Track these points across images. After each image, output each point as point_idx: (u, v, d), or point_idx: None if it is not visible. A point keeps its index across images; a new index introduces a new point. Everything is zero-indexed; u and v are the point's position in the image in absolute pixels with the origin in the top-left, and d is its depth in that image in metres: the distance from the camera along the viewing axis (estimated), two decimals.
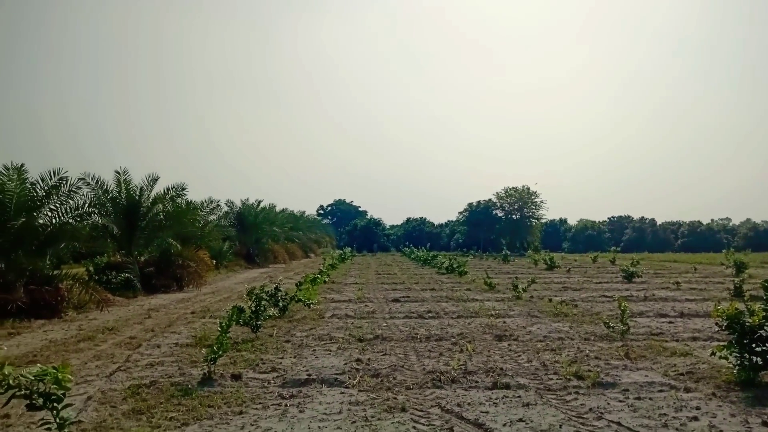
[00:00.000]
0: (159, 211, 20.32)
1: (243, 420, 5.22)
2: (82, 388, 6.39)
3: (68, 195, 14.24)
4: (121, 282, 17.40)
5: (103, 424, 5.10)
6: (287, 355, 8.16)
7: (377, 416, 5.28)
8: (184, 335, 10.13)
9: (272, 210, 42.92)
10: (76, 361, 7.98)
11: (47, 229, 13.79)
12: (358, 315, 12.32)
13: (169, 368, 7.43)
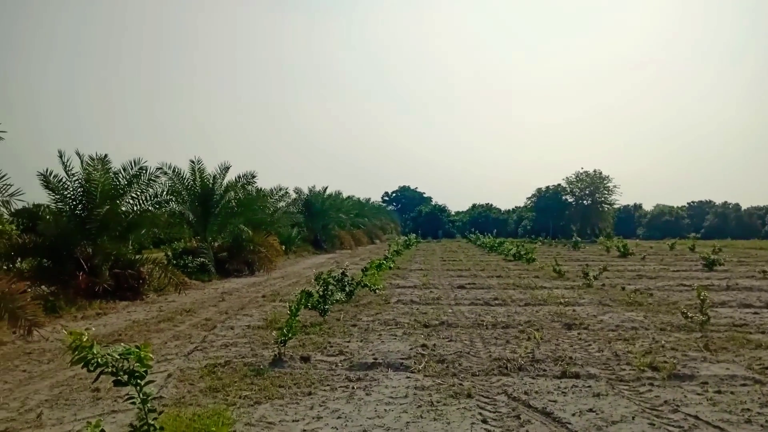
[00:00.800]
0: (231, 198, 21.08)
1: (312, 401, 5.37)
2: (163, 366, 6.77)
3: (148, 183, 14.99)
4: (197, 266, 18.24)
5: (182, 400, 5.39)
6: (354, 339, 8.31)
7: (443, 401, 5.30)
8: (255, 318, 10.51)
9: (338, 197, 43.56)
10: (157, 340, 8.46)
11: (129, 215, 14.61)
12: (423, 301, 12.35)
13: (242, 349, 7.74)
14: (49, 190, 13.81)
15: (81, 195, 13.87)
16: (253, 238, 20.98)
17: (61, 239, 13.45)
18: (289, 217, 31.44)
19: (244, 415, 4.93)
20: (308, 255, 32.17)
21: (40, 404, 5.45)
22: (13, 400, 5.62)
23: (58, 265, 13.36)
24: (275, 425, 4.70)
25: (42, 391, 5.90)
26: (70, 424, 4.83)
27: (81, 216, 13.67)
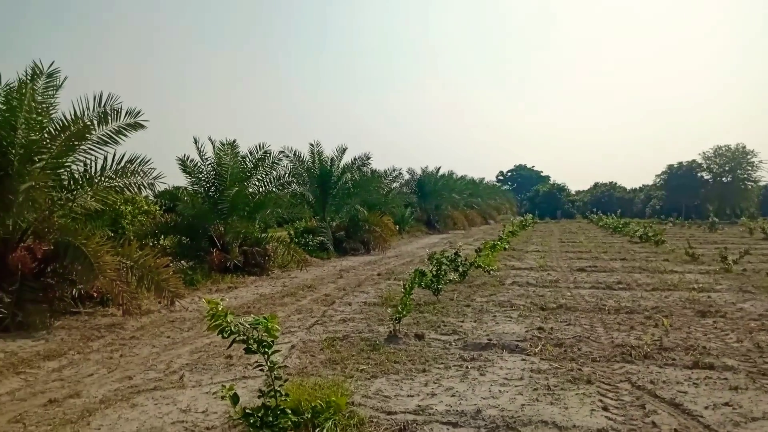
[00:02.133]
0: (347, 179, 21.76)
1: (426, 378, 5.46)
2: (287, 338, 7.21)
3: (271, 166, 15.90)
4: (317, 245, 19.11)
5: (304, 370, 5.72)
6: (468, 319, 8.29)
7: (560, 386, 5.15)
8: (371, 295, 10.83)
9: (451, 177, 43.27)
10: (282, 313, 9.01)
11: (255, 197, 15.61)
12: (540, 283, 12.00)
13: (359, 324, 8.02)
14: (186, 174, 15.14)
15: (213, 178, 15.04)
16: (369, 218, 21.55)
17: (197, 219, 14.71)
18: (402, 198, 31.86)
19: (362, 388, 5.13)
20: (421, 235, 32.43)
21: (182, 367, 6.04)
22: (160, 362, 6.28)
23: (194, 242, 14.65)
24: (391, 399, 4.84)
25: (183, 356, 6.53)
26: (208, 387, 5.31)
27: (213, 197, 14.83)
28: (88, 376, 5.78)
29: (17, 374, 5.85)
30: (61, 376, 5.82)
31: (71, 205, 9.83)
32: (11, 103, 8.77)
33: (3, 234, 8.84)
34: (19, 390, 5.35)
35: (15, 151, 8.60)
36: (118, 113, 9.58)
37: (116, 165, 10.11)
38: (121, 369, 6.04)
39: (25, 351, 6.78)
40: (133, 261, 9.29)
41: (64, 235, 8.84)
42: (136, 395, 5.11)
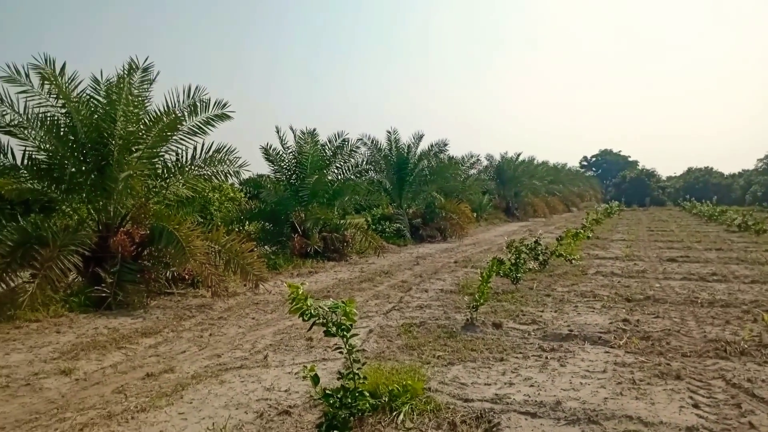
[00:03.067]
0: (424, 166, 21.72)
1: (504, 366, 5.39)
2: (365, 322, 7.34)
3: (349, 154, 16.17)
4: (393, 231, 19.26)
5: (382, 355, 5.81)
6: (547, 308, 8.09)
7: (647, 380, 4.92)
8: (448, 282, 10.80)
9: (531, 163, 42.12)
10: (359, 298, 9.17)
11: (334, 184, 15.94)
12: (625, 273, 11.49)
13: (436, 311, 8.03)
14: (269, 162, 15.71)
15: (294, 166, 15.51)
16: (445, 205, 21.44)
17: (279, 205, 15.23)
18: (480, 184, 31.41)
19: (438, 374, 5.14)
20: (499, 222, 31.88)
21: (266, 347, 6.31)
22: (246, 342, 6.60)
23: (277, 228, 15.19)
24: (467, 386, 4.82)
25: (267, 337, 6.82)
26: (290, 367, 5.52)
27: (295, 185, 15.29)
28: (181, 353, 6.17)
29: (119, 349, 6.33)
30: (156, 352, 6.24)
31: (165, 193, 10.49)
32: (111, 97, 9.41)
33: (105, 219, 9.56)
34: (121, 363, 5.79)
35: (115, 142, 9.24)
36: (206, 104, 10.06)
37: (205, 154, 10.67)
38: (210, 347, 6.40)
39: (126, 328, 7.33)
40: (221, 245, 9.78)
41: (159, 220, 9.44)
42: (224, 372, 5.40)
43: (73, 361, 5.84)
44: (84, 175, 9.44)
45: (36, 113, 9.10)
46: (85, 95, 9.44)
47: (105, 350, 6.26)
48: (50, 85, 9.02)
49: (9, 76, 8.73)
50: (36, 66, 8.84)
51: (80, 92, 9.40)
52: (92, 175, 9.38)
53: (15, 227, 8.62)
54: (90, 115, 9.39)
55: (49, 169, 9.53)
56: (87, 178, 9.43)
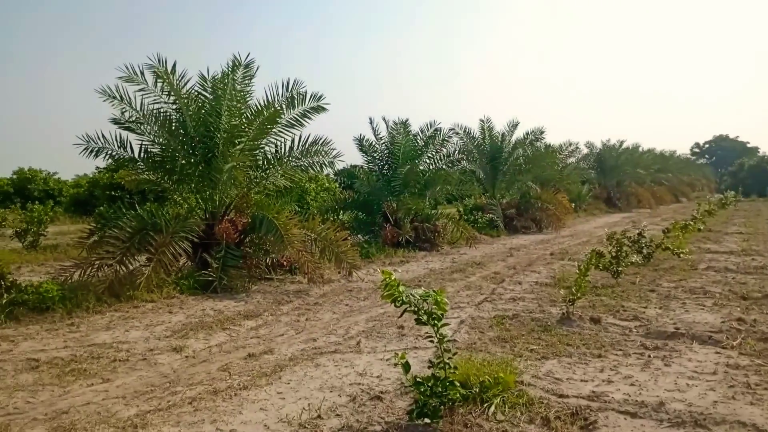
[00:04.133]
0: (519, 155, 21.16)
1: (602, 363, 5.17)
2: (456, 313, 7.31)
3: (441, 144, 16.07)
4: (486, 222, 18.97)
5: (473, 346, 5.77)
6: (651, 304, 7.64)
7: (763, 385, 4.52)
8: (543, 275, 10.49)
9: (635, 150, 39.72)
10: (451, 289, 9.14)
11: (426, 174, 15.94)
12: (741, 269, 10.58)
13: (530, 304, 7.84)
14: (362, 153, 16.00)
15: (386, 156, 15.68)
16: (541, 195, 20.79)
17: (372, 195, 15.49)
18: (579, 174, 30.13)
19: (531, 368, 5.02)
20: (600, 213, 30.44)
21: (358, 334, 6.46)
22: (340, 328, 6.79)
23: (370, 217, 15.47)
24: (562, 382, 4.67)
25: (360, 323, 6.98)
26: (382, 354, 5.62)
27: (387, 175, 15.47)
28: (279, 336, 6.47)
29: (223, 330, 6.75)
30: (257, 334, 6.59)
31: (265, 183, 11.00)
32: (217, 92, 9.97)
33: (212, 208, 10.18)
34: (225, 343, 6.17)
35: (220, 135, 9.79)
36: (303, 97, 10.40)
37: (302, 146, 11.05)
38: (306, 331, 6.65)
39: (229, 310, 7.78)
40: (317, 234, 10.13)
41: (259, 209, 9.92)
42: (319, 356, 5.60)
43: (183, 339, 6.30)
44: (193, 166, 10.09)
45: (150, 110, 9.85)
46: (193, 92, 10.08)
47: (211, 330, 6.69)
48: (163, 83, 9.71)
49: (128, 75, 9.50)
50: (150, 65, 9.55)
51: (189, 89, 10.05)
52: (200, 166, 10.01)
53: (133, 215, 9.40)
54: (198, 110, 10.02)
55: (162, 161, 10.29)
56: (195, 170, 10.09)
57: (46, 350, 5.83)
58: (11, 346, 5.99)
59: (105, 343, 6.13)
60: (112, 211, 10.11)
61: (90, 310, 7.49)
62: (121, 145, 10.11)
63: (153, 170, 10.38)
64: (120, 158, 10.35)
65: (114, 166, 13.02)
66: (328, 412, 4.13)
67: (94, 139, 9.92)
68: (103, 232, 9.39)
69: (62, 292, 7.63)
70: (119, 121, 9.83)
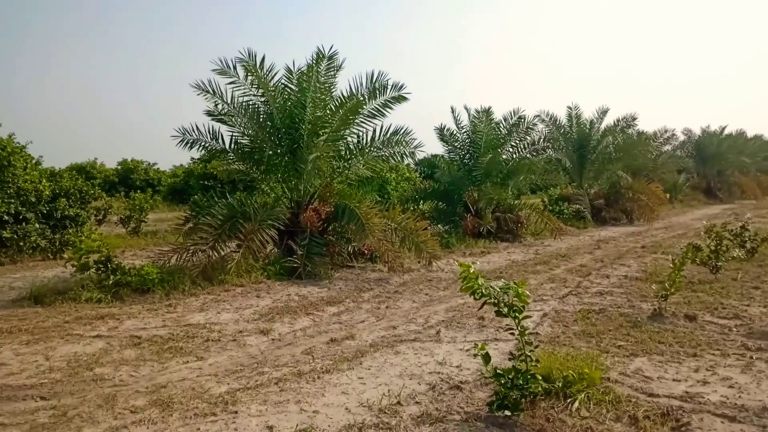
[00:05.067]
0: (608, 143, 20.22)
1: (697, 363, 4.87)
2: (539, 306, 7.14)
3: (525, 132, 15.63)
4: (572, 213, 18.32)
5: (556, 340, 5.61)
6: (755, 302, 7.09)
7: None
8: (633, 268, 10.01)
9: (740, 137, 36.74)
10: (533, 281, 8.93)
11: (508, 163, 15.59)
12: None
13: (618, 299, 7.51)
14: (443, 142, 15.89)
15: (468, 145, 15.49)
16: (632, 185, 19.80)
17: (453, 185, 15.38)
18: (674, 162, 28.43)
19: (619, 365, 4.82)
20: (698, 205, 28.53)
21: (438, 323, 6.47)
22: (419, 317, 6.83)
23: (450, 207, 15.38)
24: (653, 380, 4.45)
25: (439, 313, 6.98)
26: (461, 344, 5.60)
27: (468, 164, 15.29)
28: (360, 322, 6.60)
29: (307, 315, 6.97)
30: (339, 319, 6.76)
31: (347, 173, 11.22)
32: (302, 84, 10.25)
33: (296, 197, 10.51)
34: (309, 328, 6.38)
35: (304, 126, 10.07)
36: (384, 88, 10.48)
37: (383, 136, 11.16)
38: (386, 319, 6.74)
39: (313, 296, 8.03)
40: (397, 223, 10.21)
41: (342, 198, 10.13)
42: (399, 344, 5.66)
43: (270, 322, 6.57)
44: (279, 157, 10.46)
45: (240, 102, 10.30)
46: (280, 84, 10.42)
47: (296, 315, 6.94)
48: (252, 76, 10.11)
49: (220, 69, 9.97)
50: (241, 59, 9.97)
51: (276, 82, 10.40)
52: (286, 157, 10.36)
53: (225, 203, 9.90)
54: (284, 102, 10.35)
55: (251, 152, 10.73)
56: (281, 160, 10.44)
57: (147, 329, 6.29)
58: (117, 323, 6.50)
59: (199, 323, 6.52)
60: (205, 199, 10.70)
61: (185, 293, 7.99)
62: (214, 137, 10.65)
63: (242, 161, 10.87)
64: (212, 149, 10.92)
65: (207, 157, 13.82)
66: (408, 399, 4.18)
67: (189, 132, 10.52)
68: (197, 219, 9.99)
69: (161, 275, 8.19)
70: (212, 114, 10.35)
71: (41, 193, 11.60)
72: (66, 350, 5.51)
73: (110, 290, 7.70)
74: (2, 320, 6.63)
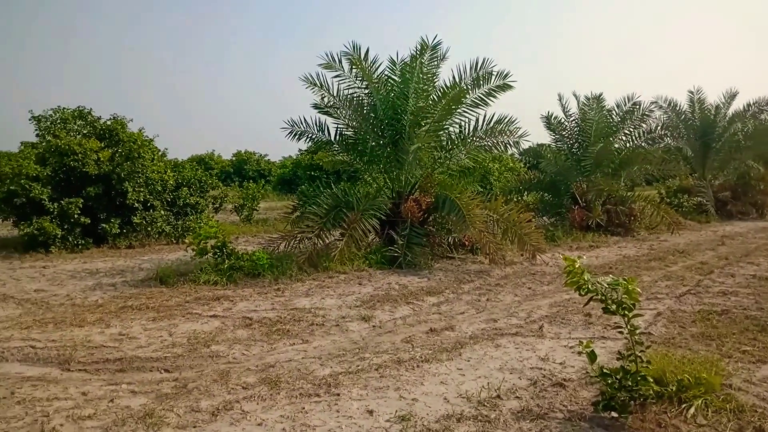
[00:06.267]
0: (737, 130, 18.47)
1: None
2: (652, 304, 6.70)
3: (641, 119, 14.66)
4: (693, 206, 17.04)
5: (671, 341, 5.25)
6: None
7: None
8: (763, 267, 9.11)
9: None
10: (647, 278, 8.39)
11: (621, 152, 14.73)
12: None
13: (744, 300, 6.88)
14: (549, 131, 15.30)
15: (577, 134, 14.80)
16: (765, 176, 17.96)
17: (559, 176, 14.78)
18: None
19: (743, 371, 4.42)
20: None
21: (541, 318, 6.28)
22: (521, 311, 6.67)
23: (556, 199, 14.82)
24: None
25: (543, 308, 6.77)
26: (566, 341, 5.40)
27: (576, 154, 14.62)
28: (460, 314, 6.56)
29: (407, 303, 7.05)
30: (439, 310, 6.76)
31: (448, 163, 11.16)
32: (405, 76, 10.31)
33: (398, 188, 10.62)
34: (409, 317, 6.45)
35: (406, 117, 10.13)
36: (489, 76, 10.28)
37: (486, 125, 10.96)
38: (487, 311, 6.65)
39: (413, 285, 8.10)
40: (499, 215, 10.01)
41: (442, 189, 10.09)
42: (500, 337, 5.56)
43: (371, 310, 6.72)
44: (381, 148, 10.62)
45: (345, 95, 10.57)
46: (383, 76, 10.55)
47: (396, 303, 7.04)
48: (356, 68, 10.33)
49: (327, 63, 10.29)
50: (346, 53, 10.22)
51: (379, 74, 10.54)
52: (388, 148, 10.49)
53: (329, 193, 10.23)
54: (387, 93, 10.48)
55: (355, 143, 10.99)
56: (384, 151, 10.59)
57: (258, 311, 6.67)
58: (231, 305, 6.96)
59: (304, 308, 6.81)
60: (311, 189, 11.13)
61: (292, 278, 8.38)
62: (320, 129, 11.03)
63: (346, 152, 11.18)
64: (319, 141, 11.32)
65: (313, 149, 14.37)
66: (508, 393, 4.10)
67: (297, 123, 10.99)
68: (304, 208, 10.43)
69: (270, 260, 8.65)
70: (319, 107, 10.73)
71: (166, 183, 12.63)
72: (186, 327, 5.98)
73: (225, 273, 8.25)
74: (133, 298, 7.33)
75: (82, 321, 6.23)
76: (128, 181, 11.84)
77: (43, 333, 5.81)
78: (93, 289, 7.95)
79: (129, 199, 11.80)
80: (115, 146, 12.36)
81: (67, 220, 11.22)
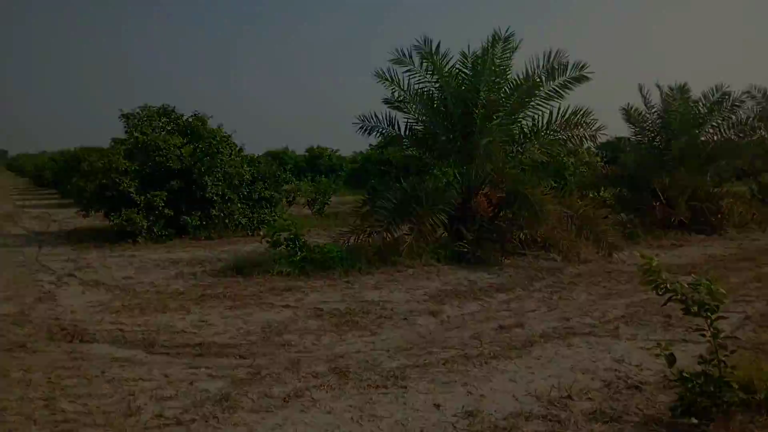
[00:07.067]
0: None
1: None
2: (740, 307, 6.30)
3: (730, 110, 13.71)
4: None
5: (761, 347, 4.94)
6: None
7: None
8: None
9: None
10: (734, 279, 7.88)
11: (708, 146, 13.84)
12: None
13: None
14: (629, 124, 14.60)
15: (659, 127, 14.06)
16: None
17: (639, 170, 14.09)
18: None
19: None
20: None
21: (617, 318, 6.05)
22: (595, 310, 6.44)
23: (635, 194, 14.14)
24: None
25: (618, 307, 6.51)
26: (643, 342, 5.17)
27: (658, 147, 13.90)
28: (530, 312, 6.43)
29: (476, 300, 6.98)
30: (508, 307, 6.66)
31: (520, 158, 10.92)
32: (476, 68, 10.15)
33: (467, 182, 10.49)
34: (477, 313, 6.39)
35: (477, 111, 9.98)
36: (564, 68, 9.97)
37: (560, 118, 10.60)
38: (559, 310, 6.48)
39: (482, 281, 8.01)
40: (574, 211, 9.69)
41: (514, 184, 9.88)
42: (572, 336, 5.41)
43: (439, 304, 6.71)
44: (451, 142, 10.53)
45: (415, 89, 10.55)
46: (454, 69, 10.45)
47: (464, 299, 6.99)
48: (427, 63, 10.29)
49: (397, 58, 10.32)
50: (417, 47, 10.21)
51: (450, 67, 10.44)
52: (458, 142, 10.39)
53: (398, 188, 10.26)
54: (458, 87, 10.36)
55: (424, 137, 10.96)
56: (453, 145, 10.50)
57: (328, 302, 6.82)
58: (302, 295, 7.15)
59: (373, 300, 6.89)
60: (381, 184, 11.22)
61: (362, 271, 8.49)
62: (390, 124, 11.08)
63: (416, 146, 11.19)
64: (389, 135, 11.38)
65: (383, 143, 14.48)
66: (580, 394, 3.99)
67: (368, 119, 11.09)
68: (373, 202, 10.51)
69: (341, 253, 8.80)
70: (389, 101, 10.79)
71: (243, 177, 13.11)
72: (260, 316, 6.21)
73: (297, 265, 8.49)
74: (212, 287, 7.68)
75: (165, 307, 6.61)
76: (208, 176, 12.38)
77: (130, 317, 6.21)
78: (175, 278, 8.40)
79: (208, 193, 12.34)
80: (196, 142, 12.97)
81: (153, 212, 11.90)
